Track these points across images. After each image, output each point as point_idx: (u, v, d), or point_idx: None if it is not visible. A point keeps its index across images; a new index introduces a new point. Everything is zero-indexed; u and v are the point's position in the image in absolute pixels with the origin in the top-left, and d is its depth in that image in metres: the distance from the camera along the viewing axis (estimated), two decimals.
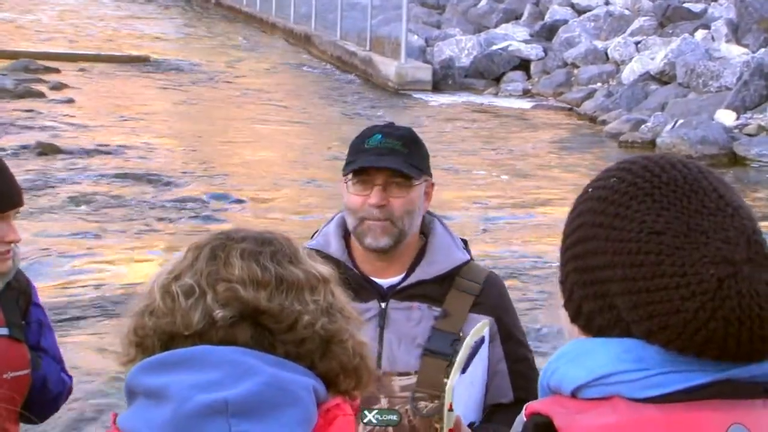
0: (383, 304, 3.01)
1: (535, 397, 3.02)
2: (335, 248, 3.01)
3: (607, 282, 1.51)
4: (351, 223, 3.00)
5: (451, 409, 2.78)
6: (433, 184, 3.08)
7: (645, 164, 1.55)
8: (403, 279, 3.03)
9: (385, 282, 3.03)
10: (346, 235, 3.07)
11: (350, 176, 2.97)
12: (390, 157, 2.94)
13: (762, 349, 1.47)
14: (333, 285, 1.75)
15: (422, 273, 3.02)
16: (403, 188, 2.96)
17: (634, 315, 1.49)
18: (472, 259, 3.11)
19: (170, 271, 1.71)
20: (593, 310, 1.54)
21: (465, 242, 3.14)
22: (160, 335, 1.67)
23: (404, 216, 2.97)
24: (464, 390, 2.88)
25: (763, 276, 1.46)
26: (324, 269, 1.75)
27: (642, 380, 1.48)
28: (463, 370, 2.84)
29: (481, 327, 2.93)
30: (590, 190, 1.58)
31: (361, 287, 2.94)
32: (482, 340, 2.93)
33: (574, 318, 1.58)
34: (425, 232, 3.09)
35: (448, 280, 3.03)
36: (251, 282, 1.66)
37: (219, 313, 1.64)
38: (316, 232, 3.12)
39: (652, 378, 1.48)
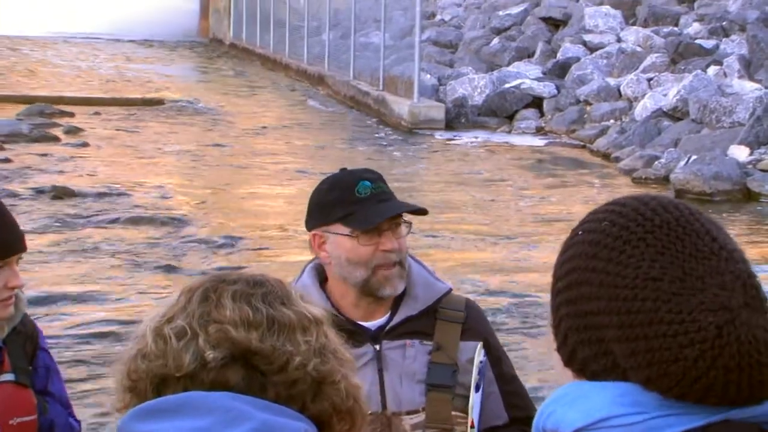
0: (377, 346, 3.02)
1: (530, 413, 3.06)
2: (317, 299, 2.99)
3: (603, 328, 1.50)
4: (360, 275, 2.99)
5: (473, 426, 2.84)
6: None
7: (636, 206, 1.54)
8: (390, 318, 3.05)
9: (371, 324, 3.05)
10: (322, 284, 3.10)
11: (350, 230, 2.98)
12: (393, 202, 3.00)
13: (760, 394, 1.47)
14: (326, 327, 1.75)
15: (408, 309, 3.05)
16: (399, 228, 3.02)
17: (632, 362, 1.48)
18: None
19: (163, 315, 1.71)
20: (588, 355, 1.53)
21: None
22: (152, 378, 1.67)
23: (406, 256, 3.04)
24: (477, 408, 2.96)
25: (759, 321, 1.45)
26: (317, 311, 1.75)
27: (641, 423, 1.47)
28: (477, 389, 2.92)
29: (481, 348, 3.00)
30: (580, 233, 1.56)
31: (351, 333, 2.95)
32: (485, 360, 3.01)
33: (568, 362, 1.57)
34: None
35: (431, 312, 3.06)
36: (243, 323, 1.66)
37: (210, 355, 1.64)
38: None
39: (650, 421, 1.47)
